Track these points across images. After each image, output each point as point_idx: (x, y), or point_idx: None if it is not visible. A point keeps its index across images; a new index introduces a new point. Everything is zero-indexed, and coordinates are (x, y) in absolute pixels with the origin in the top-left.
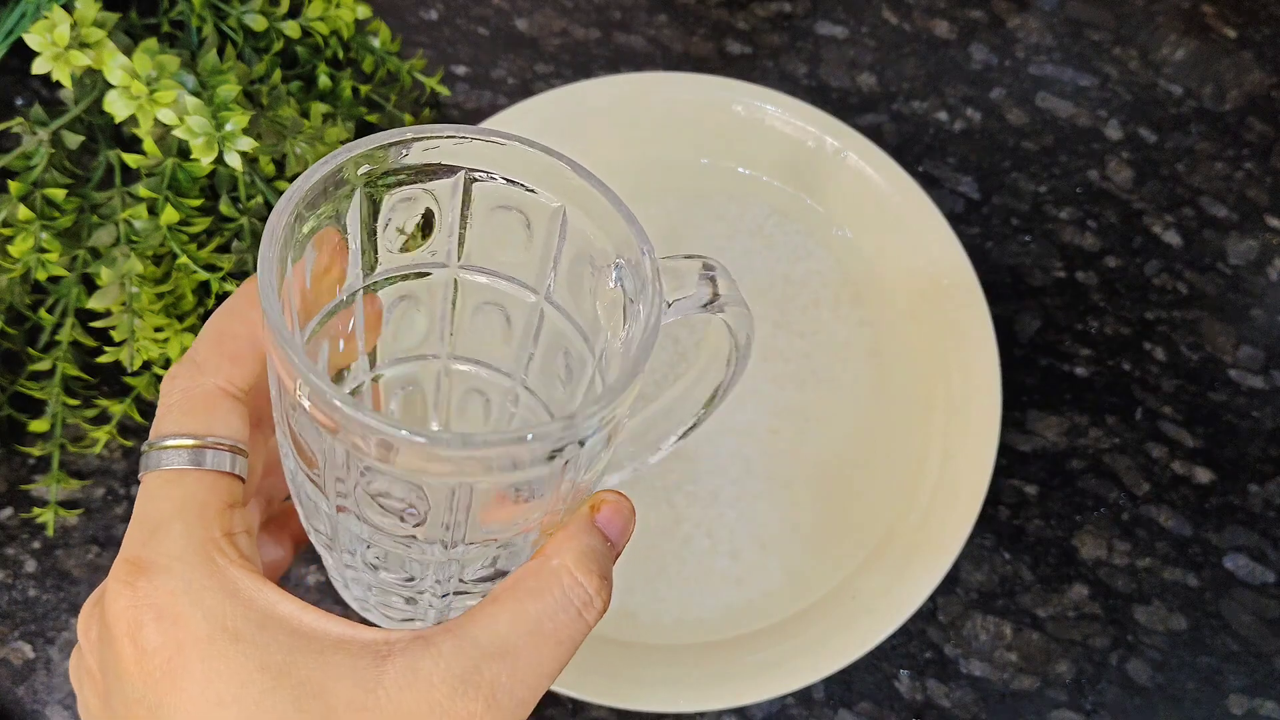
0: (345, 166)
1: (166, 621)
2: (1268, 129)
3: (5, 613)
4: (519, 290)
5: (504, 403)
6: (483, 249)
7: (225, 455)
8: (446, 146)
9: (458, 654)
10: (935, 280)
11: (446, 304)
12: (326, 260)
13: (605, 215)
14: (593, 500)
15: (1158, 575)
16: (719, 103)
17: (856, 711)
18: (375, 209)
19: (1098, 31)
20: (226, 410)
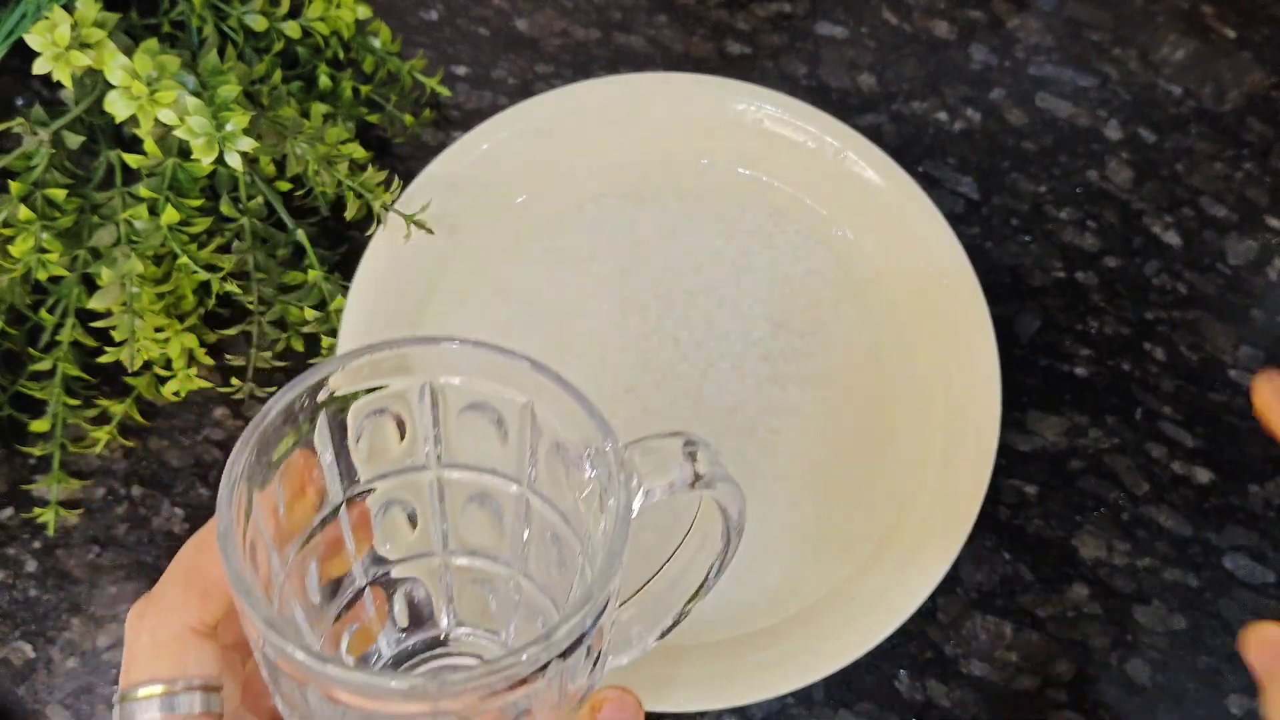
0: (302, 396)
1: None
2: (1267, 129)
3: (6, 612)
4: (502, 482)
5: (507, 591)
6: (460, 446)
7: (197, 697)
8: (405, 358)
9: None
10: (935, 280)
11: (435, 501)
12: (298, 484)
13: (568, 410)
14: (593, 700)
15: (1158, 575)
16: (719, 103)
17: (856, 711)
18: (343, 426)
19: (1097, 32)
20: (197, 649)
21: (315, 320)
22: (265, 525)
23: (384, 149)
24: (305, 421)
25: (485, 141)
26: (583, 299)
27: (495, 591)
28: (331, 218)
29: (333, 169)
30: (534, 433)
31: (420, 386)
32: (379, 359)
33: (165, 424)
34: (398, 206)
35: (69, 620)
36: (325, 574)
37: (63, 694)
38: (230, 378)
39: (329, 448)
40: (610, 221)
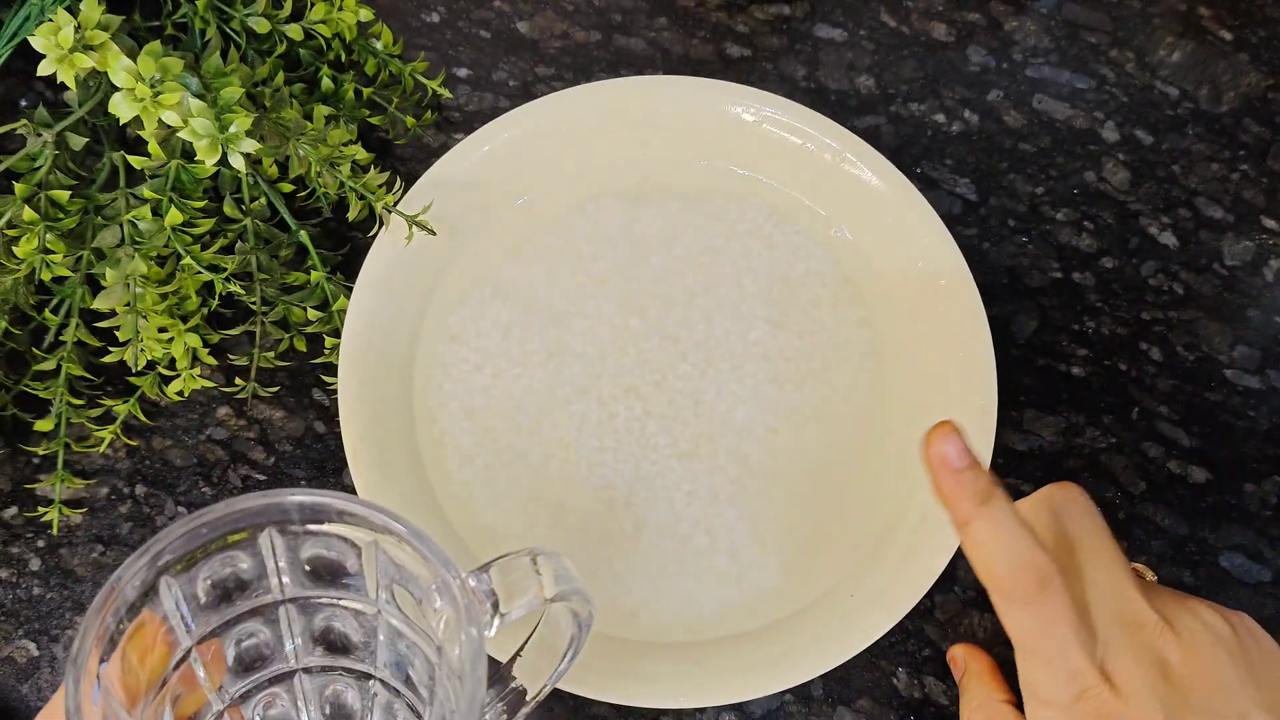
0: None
1: None
2: (1264, 130)
3: (10, 611)
4: (356, 601)
5: (365, 699)
6: (307, 576)
7: None
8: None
9: None
10: (933, 281)
11: (287, 622)
12: (147, 644)
13: (412, 550)
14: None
15: (1154, 573)
16: (718, 105)
17: (855, 709)
18: (190, 579)
19: (1094, 34)
20: None
21: (318, 321)
22: (115, 693)
23: (386, 150)
24: (147, 590)
25: (486, 143)
26: (583, 299)
27: (355, 698)
28: (334, 219)
29: (335, 170)
30: (383, 565)
31: (265, 534)
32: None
33: (169, 423)
34: (400, 208)
35: (73, 619)
36: (181, 714)
37: None
38: (234, 378)
39: (173, 599)
40: (610, 222)
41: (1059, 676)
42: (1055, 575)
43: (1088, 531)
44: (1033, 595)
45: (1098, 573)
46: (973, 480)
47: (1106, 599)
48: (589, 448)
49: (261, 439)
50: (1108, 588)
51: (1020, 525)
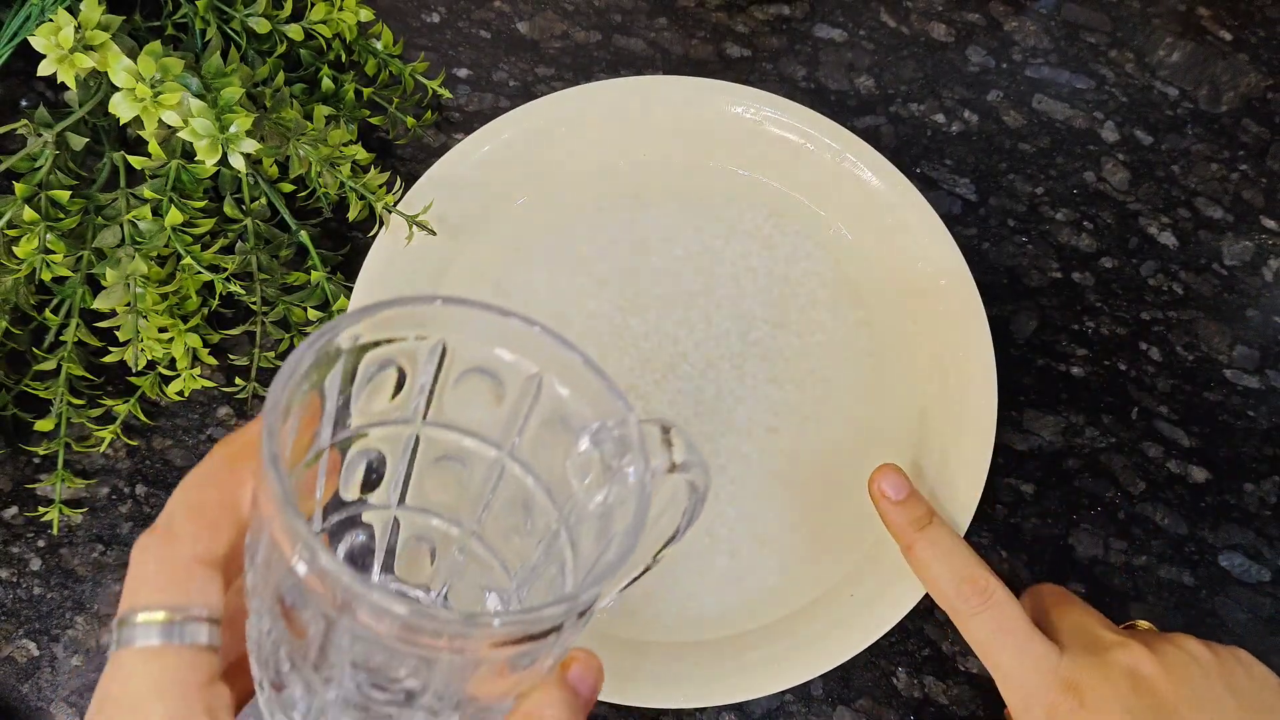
0: (341, 336)
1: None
2: (1263, 131)
3: (10, 611)
4: (481, 446)
5: (451, 552)
6: (450, 406)
7: (203, 628)
8: (429, 313)
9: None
10: (933, 281)
11: (405, 455)
12: (308, 422)
13: (585, 383)
14: (566, 659)
15: (1153, 573)
16: (718, 105)
17: (855, 708)
18: (353, 374)
19: (1094, 34)
20: (204, 580)
21: (318, 321)
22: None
23: (386, 151)
24: (328, 364)
25: (487, 143)
26: (583, 299)
27: (437, 549)
28: (334, 219)
29: (335, 170)
30: (533, 403)
31: (434, 344)
32: (406, 313)
33: (169, 423)
34: (400, 208)
35: (73, 618)
36: None
37: (67, 692)
38: (234, 377)
39: (336, 393)
40: (610, 223)
41: (1026, 691)
42: (998, 586)
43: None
44: (977, 606)
45: (1067, 613)
46: (912, 508)
47: (1077, 629)
48: None
49: None
50: (1077, 622)
51: (958, 543)
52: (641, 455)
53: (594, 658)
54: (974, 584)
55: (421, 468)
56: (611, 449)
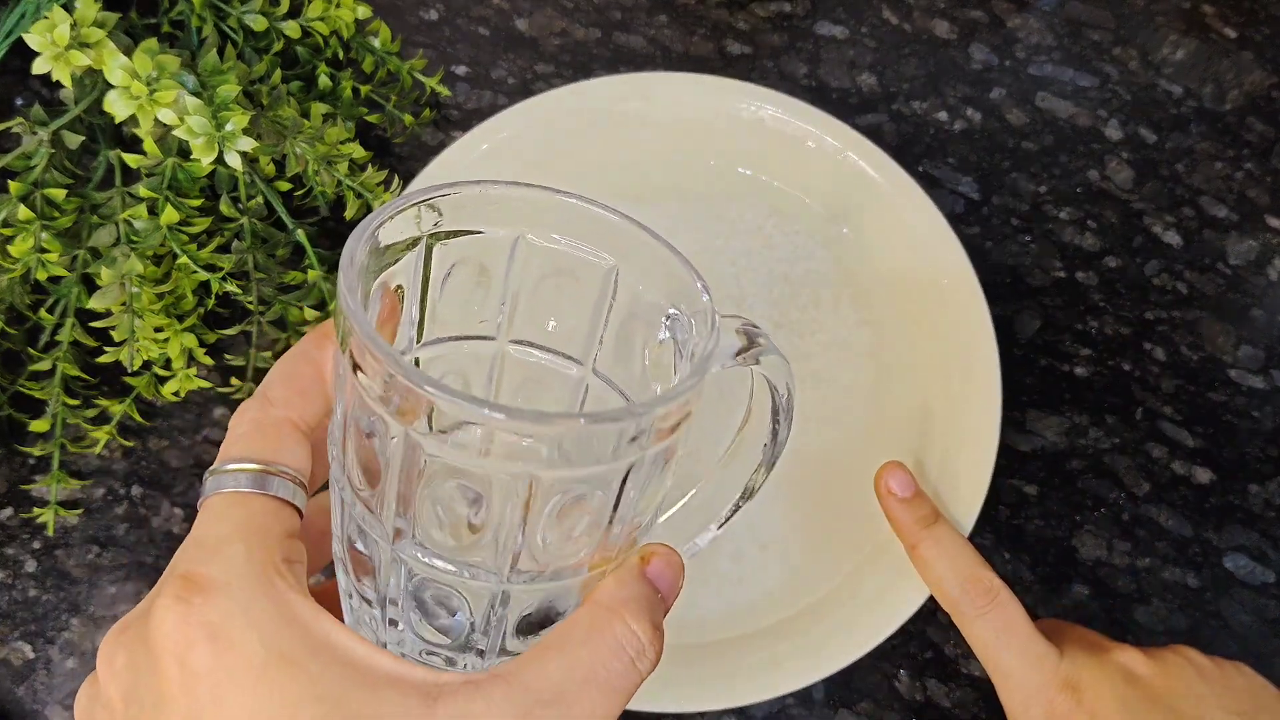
0: (419, 210)
1: (221, 644)
2: (1268, 129)
3: (5, 613)
4: (563, 364)
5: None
6: (532, 320)
7: (289, 484)
8: (505, 197)
9: (508, 700)
10: (935, 280)
11: (491, 377)
12: (386, 312)
13: (659, 265)
14: (642, 552)
15: (1157, 575)
16: (719, 103)
17: (857, 711)
18: (429, 266)
19: (1098, 31)
20: (294, 441)
21: (315, 320)
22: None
23: (384, 149)
24: (404, 247)
25: (485, 141)
26: None
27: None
28: (331, 217)
29: (332, 169)
30: (611, 301)
31: (514, 239)
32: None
33: (165, 424)
34: None
35: (68, 620)
36: None
37: (62, 694)
38: (230, 378)
39: (415, 284)
40: None
41: (1026, 691)
42: (1003, 588)
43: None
44: (982, 606)
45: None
46: (918, 507)
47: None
48: None
49: None
50: (1079, 632)
51: (963, 543)
52: (710, 329)
53: (675, 554)
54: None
55: (505, 390)
56: (683, 334)
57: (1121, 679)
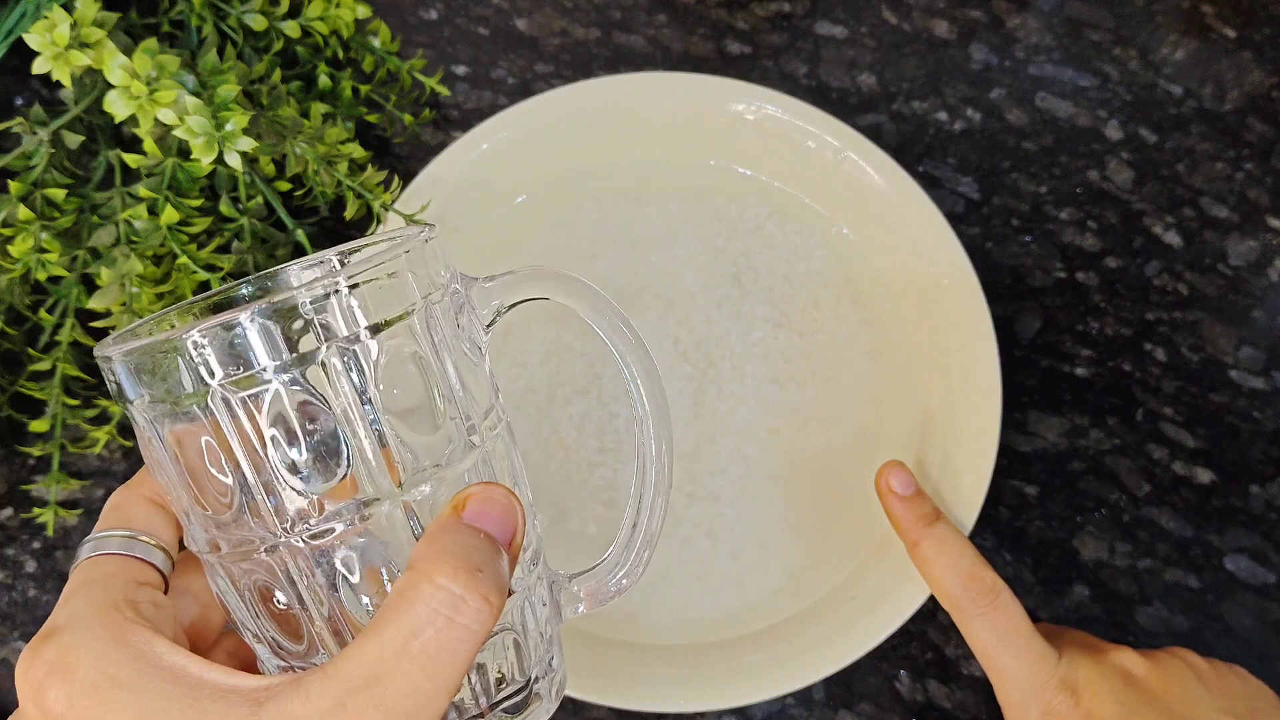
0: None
1: (60, 675)
2: (1268, 129)
3: (5, 613)
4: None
5: None
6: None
7: (154, 550)
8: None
9: (323, 692)
10: (935, 280)
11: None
12: None
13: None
14: (454, 500)
15: (1159, 577)
16: (719, 103)
17: (857, 712)
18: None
19: (1097, 31)
20: (145, 510)
21: None
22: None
23: (383, 149)
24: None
25: (485, 141)
26: None
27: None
28: (331, 218)
29: (332, 169)
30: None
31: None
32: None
33: None
34: (397, 206)
35: None
36: None
37: None
38: None
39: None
40: (610, 221)
41: (1024, 691)
42: (1004, 588)
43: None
44: (984, 605)
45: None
46: (919, 505)
47: (1077, 639)
48: (589, 448)
49: None
50: (1078, 635)
51: (964, 542)
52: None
53: (495, 488)
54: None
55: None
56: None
57: (1119, 680)
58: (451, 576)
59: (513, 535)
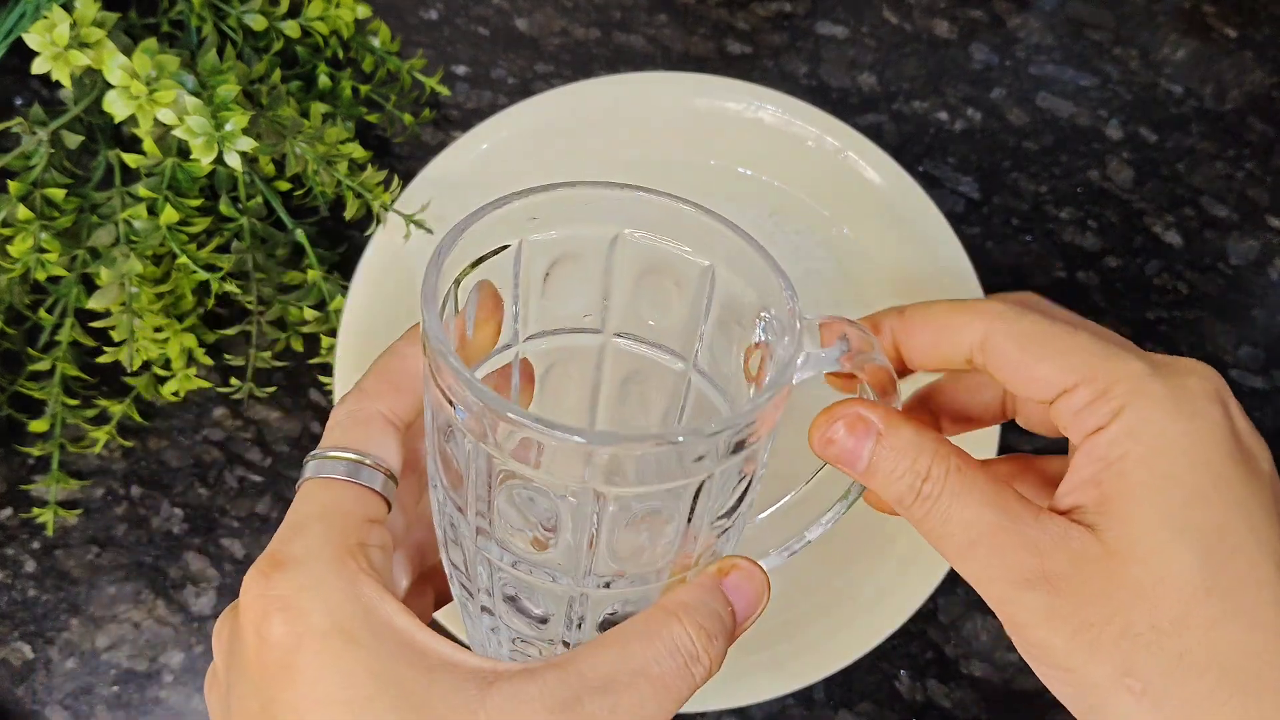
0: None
1: (290, 614)
2: (1268, 129)
3: (5, 613)
4: (667, 359)
5: None
6: (634, 314)
7: (377, 474)
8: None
9: (561, 684)
10: (936, 280)
11: (596, 372)
12: (487, 310)
13: (752, 268)
14: (722, 564)
15: None
16: (719, 103)
17: (857, 712)
18: (526, 264)
19: (1098, 31)
20: (382, 434)
21: (315, 320)
22: (451, 336)
23: (383, 149)
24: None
25: (485, 141)
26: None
27: None
28: (331, 217)
29: (332, 169)
30: (709, 300)
31: (612, 238)
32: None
33: (164, 424)
34: (397, 206)
35: (68, 621)
36: None
37: (61, 694)
38: (229, 377)
39: (513, 282)
40: None
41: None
42: None
43: None
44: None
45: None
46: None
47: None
48: None
49: (258, 439)
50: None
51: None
52: (797, 329)
53: (758, 571)
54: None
55: (611, 387)
56: (775, 336)
57: None
58: (697, 632)
59: (749, 617)
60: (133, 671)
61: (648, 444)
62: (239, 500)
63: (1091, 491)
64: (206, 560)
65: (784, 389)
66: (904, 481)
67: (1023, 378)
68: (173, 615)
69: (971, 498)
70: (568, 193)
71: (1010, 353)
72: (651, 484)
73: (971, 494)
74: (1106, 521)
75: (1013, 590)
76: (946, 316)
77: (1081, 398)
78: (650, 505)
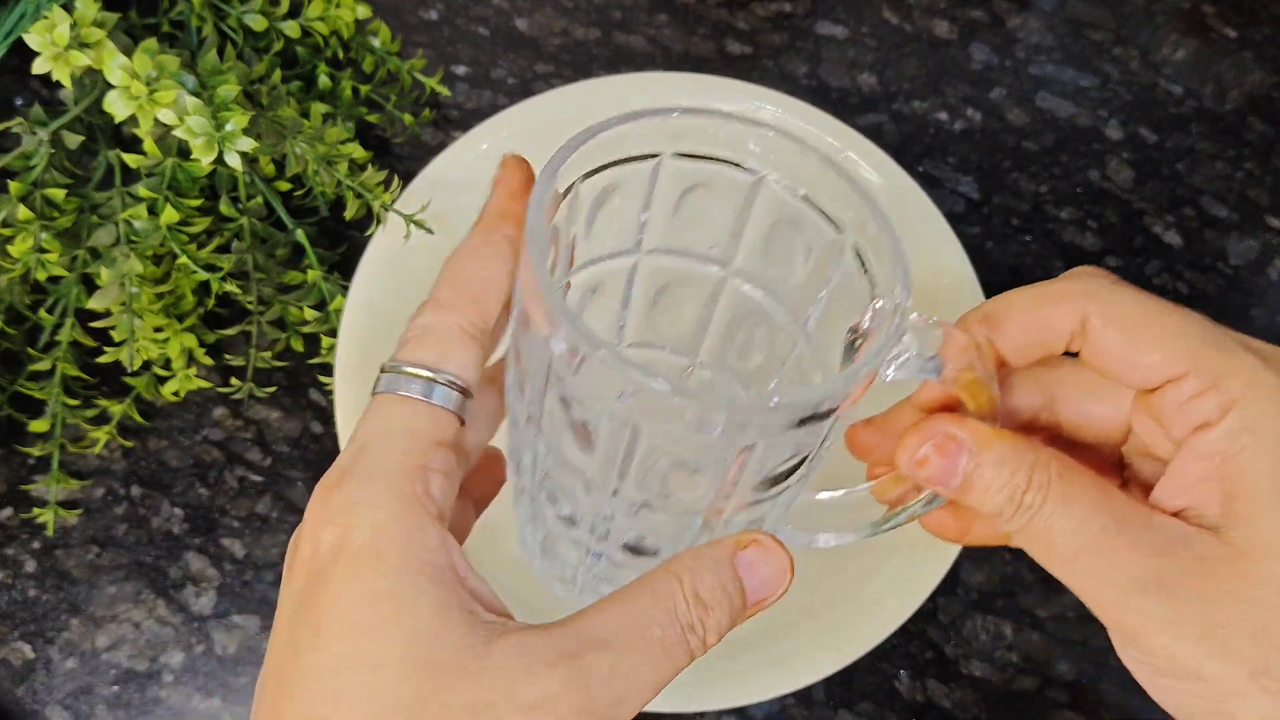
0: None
1: (339, 529)
2: (1268, 129)
3: (5, 613)
4: (783, 314)
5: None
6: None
7: (452, 393)
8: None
9: (565, 637)
10: (936, 280)
11: (710, 305)
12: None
13: (881, 253)
14: (741, 536)
15: None
16: (719, 103)
17: (857, 711)
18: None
19: (1098, 31)
20: (461, 348)
21: (315, 320)
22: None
23: (383, 149)
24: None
25: (485, 141)
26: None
27: None
28: (331, 218)
29: (332, 169)
30: (835, 270)
31: (756, 180)
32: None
33: (164, 424)
34: (397, 206)
35: (68, 620)
36: None
37: (62, 694)
38: (229, 377)
39: (643, 195)
40: None
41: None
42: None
43: None
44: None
45: None
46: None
47: None
48: None
49: (258, 439)
50: None
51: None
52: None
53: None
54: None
55: (640, 301)
56: (879, 324)
57: None
58: (695, 603)
59: (764, 598)
60: (133, 671)
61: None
62: (239, 500)
63: (1210, 491)
64: (207, 560)
65: (864, 380)
66: (1003, 494)
67: (1128, 364)
68: (173, 615)
69: (1077, 504)
70: (720, 124)
71: (1112, 338)
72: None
73: (1077, 500)
74: (1232, 521)
75: (1126, 597)
76: (1035, 308)
77: (1190, 388)
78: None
